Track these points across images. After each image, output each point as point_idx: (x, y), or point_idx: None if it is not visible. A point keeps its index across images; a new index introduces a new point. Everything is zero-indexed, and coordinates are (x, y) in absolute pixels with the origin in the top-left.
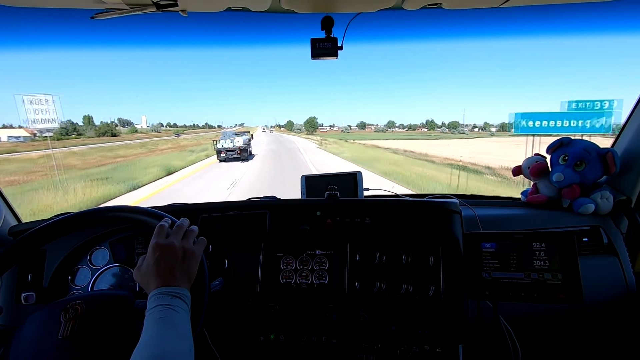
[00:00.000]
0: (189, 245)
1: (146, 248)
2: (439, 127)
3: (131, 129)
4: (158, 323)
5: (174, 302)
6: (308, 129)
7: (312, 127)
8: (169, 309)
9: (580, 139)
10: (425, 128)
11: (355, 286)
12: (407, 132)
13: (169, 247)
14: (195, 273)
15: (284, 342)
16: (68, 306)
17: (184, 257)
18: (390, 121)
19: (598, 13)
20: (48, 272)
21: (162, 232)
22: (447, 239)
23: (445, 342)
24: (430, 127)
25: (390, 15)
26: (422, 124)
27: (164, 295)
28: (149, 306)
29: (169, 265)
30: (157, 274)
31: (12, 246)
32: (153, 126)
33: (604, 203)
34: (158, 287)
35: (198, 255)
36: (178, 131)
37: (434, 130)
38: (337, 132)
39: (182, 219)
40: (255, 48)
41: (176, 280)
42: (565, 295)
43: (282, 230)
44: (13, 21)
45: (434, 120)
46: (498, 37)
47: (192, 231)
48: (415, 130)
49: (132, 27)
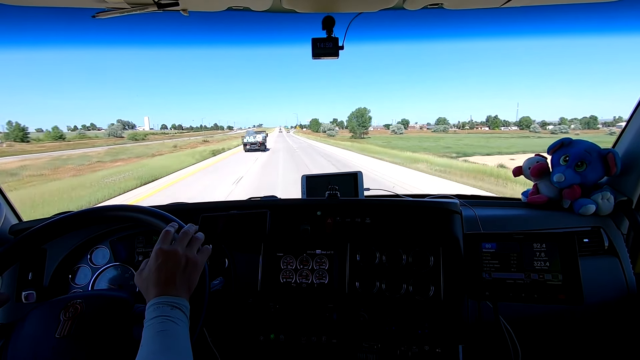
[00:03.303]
0: (193, 254)
1: (147, 247)
2: (505, 126)
3: (140, 133)
4: (158, 337)
5: (173, 314)
6: (355, 128)
7: (363, 127)
8: (169, 321)
9: (581, 140)
10: (486, 126)
11: (355, 286)
12: (468, 131)
13: (172, 255)
14: (196, 283)
15: (284, 342)
16: (69, 304)
17: (186, 266)
18: (441, 118)
19: (601, 13)
20: (48, 271)
21: (168, 238)
22: (448, 239)
23: (445, 342)
24: (493, 124)
25: (391, 15)
26: (482, 121)
27: (164, 305)
28: (148, 316)
29: (171, 273)
30: (157, 281)
31: (13, 245)
32: (175, 127)
33: (605, 204)
34: (157, 296)
35: (200, 264)
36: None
37: (499, 129)
38: (379, 132)
39: (189, 225)
40: (256, 48)
41: (176, 289)
42: (565, 296)
43: (282, 230)
44: (13, 21)
45: (497, 116)
46: (499, 37)
47: (197, 239)
48: (473, 129)
49: (132, 26)
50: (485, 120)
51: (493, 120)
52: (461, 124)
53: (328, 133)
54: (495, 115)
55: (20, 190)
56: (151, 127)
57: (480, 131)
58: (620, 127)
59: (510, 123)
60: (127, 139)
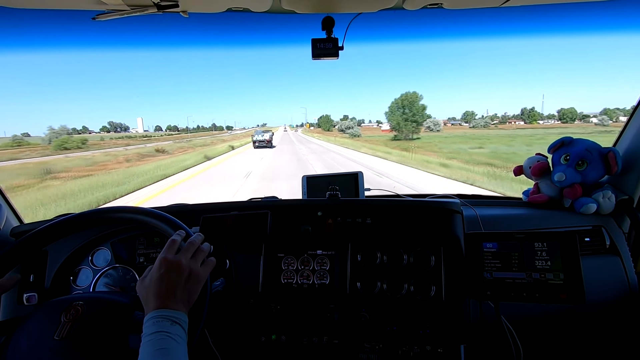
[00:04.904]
0: (196, 266)
1: (148, 248)
2: (544, 119)
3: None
4: (157, 356)
5: (173, 330)
6: (400, 125)
7: (413, 122)
8: (169, 338)
9: (581, 139)
10: (521, 120)
11: (356, 286)
12: (500, 126)
13: (176, 265)
14: (196, 296)
15: (285, 343)
16: (70, 306)
17: (189, 279)
18: (468, 112)
19: (601, 12)
20: (50, 273)
21: (173, 247)
22: (449, 239)
23: (446, 342)
24: (530, 118)
25: (390, 15)
26: (516, 115)
27: (164, 320)
28: (147, 330)
29: (172, 284)
30: (158, 292)
31: (15, 247)
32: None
33: (606, 203)
34: (157, 308)
35: (203, 278)
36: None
37: (536, 123)
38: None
39: (196, 234)
40: (256, 48)
41: (176, 302)
42: (567, 295)
43: (283, 231)
44: (13, 22)
45: (535, 108)
46: (499, 37)
47: (203, 251)
48: (505, 123)
49: (131, 28)
50: (520, 114)
51: (529, 113)
52: (489, 118)
53: (350, 132)
54: (532, 108)
55: None
56: (145, 129)
57: (517, 126)
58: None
59: (548, 116)
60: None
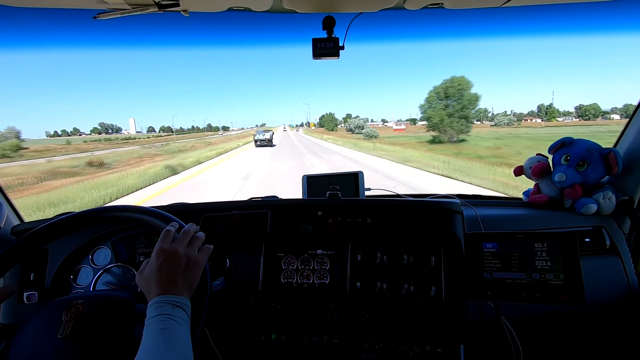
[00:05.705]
0: (193, 253)
1: (148, 247)
2: (564, 116)
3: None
4: (158, 335)
5: (175, 312)
6: (444, 122)
7: (462, 118)
8: (170, 320)
9: (582, 139)
10: (538, 118)
11: (356, 286)
12: (517, 125)
13: (173, 254)
14: (197, 282)
15: (285, 342)
16: (70, 305)
17: (187, 265)
18: (481, 109)
19: (602, 12)
20: (50, 272)
21: (168, 237)
22: (449, 239)
23: (446, 342)
24: (549, 115)
25: (391, 15)
26: (531, 111)
27: (165, 304)
28: (150, 315)
29: (172, 272)
30: (159, 280)
31: (15, 246)
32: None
33: (607, 203)
34: (159, 295)
35: (201, 263)
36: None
37: (555, 120)
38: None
39: (190, 224)
40: (257, 48)
41: (177, 288)
42: (567, 296)
43: (283, 230)
44: (13, 22)
45: (552, 105)
46: (500, 36)
47: (198, 238)
48: (521, 121)
49: (131, 27)
50: (537, 111)
51: (547, 109)
52: (513, 115)
53: (365, 133)
54: (549, 104)
55: None
56: (138, 130)
57: (534, 124)
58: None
59: (564, 113)
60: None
